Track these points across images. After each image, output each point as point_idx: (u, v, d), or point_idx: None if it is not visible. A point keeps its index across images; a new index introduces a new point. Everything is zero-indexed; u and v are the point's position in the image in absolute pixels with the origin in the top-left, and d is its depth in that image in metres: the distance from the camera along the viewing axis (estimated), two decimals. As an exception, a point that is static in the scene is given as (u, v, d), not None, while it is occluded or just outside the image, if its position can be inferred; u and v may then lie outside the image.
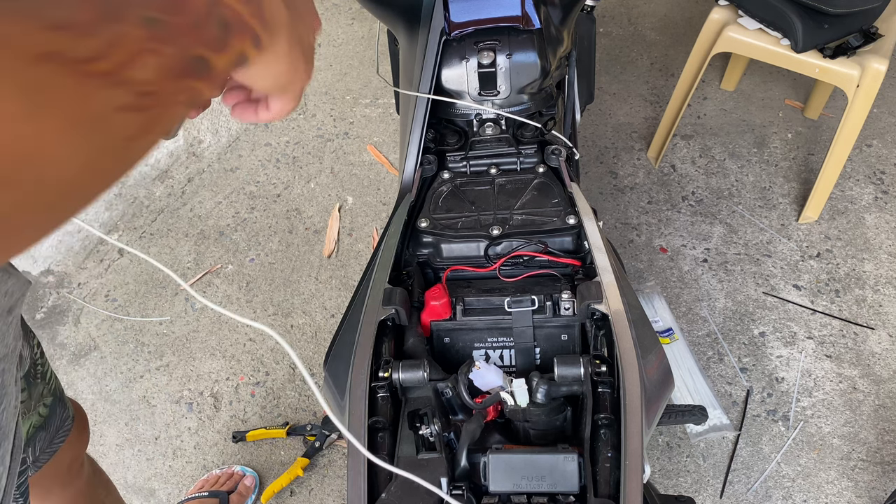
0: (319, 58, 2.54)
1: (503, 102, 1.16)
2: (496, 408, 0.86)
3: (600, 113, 2.30)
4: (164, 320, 1.92)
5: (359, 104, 2.39)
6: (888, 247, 1.92)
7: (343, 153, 2.26)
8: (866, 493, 1.53)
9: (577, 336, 0.94)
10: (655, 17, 2.58)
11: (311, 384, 0.52)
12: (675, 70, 2.39)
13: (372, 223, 2.08)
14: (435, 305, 0.94)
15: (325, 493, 1.60)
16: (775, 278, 1.87)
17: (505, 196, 1.09)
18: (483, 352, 0.96)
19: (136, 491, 1.65)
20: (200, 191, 2.20)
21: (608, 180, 2.12)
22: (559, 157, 1.13)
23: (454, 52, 1.15)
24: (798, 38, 1.66)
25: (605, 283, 0.90)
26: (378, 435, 0.81)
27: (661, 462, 1.59)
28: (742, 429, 1.62)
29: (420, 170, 1.14)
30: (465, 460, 0.79)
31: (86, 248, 2.09)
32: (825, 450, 1.59)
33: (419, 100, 1.14)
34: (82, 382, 1.82)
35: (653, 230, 1.99)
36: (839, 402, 1.66)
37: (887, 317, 1.78)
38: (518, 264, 1.01)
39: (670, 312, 1.79)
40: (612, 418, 0.79)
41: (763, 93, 2.31)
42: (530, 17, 1.14)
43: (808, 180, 2.07)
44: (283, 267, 2.01)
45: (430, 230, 1.05)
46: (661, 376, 0.90)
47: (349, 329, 0.94)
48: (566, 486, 0.76)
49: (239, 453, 1.68)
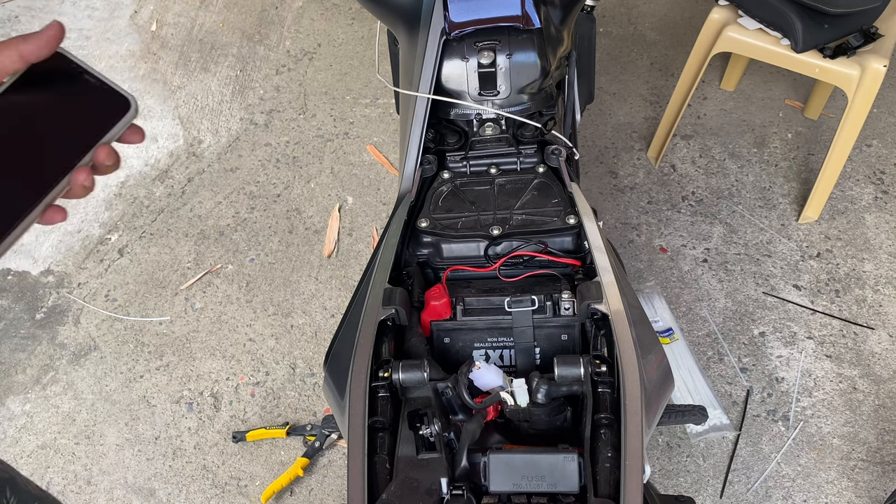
0: (319, 58, 2.54)
1: (503, 102, 1.16)
2: (496, 408, 0.86)
3: (600, 113, 2.30)
4: (164, 320, 1.92)
5: (359, 104, 2.39)
6: (888, 247, 1.92)
7: (343, 153, 2.26)
8: (866, 493, 1.53)
9: (577, 336, 0.94)
10: (655, 17, 2.58)
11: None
12: (675, 70, 2.38)
13: (372, 223, 2.08)
14: (435, 305, 0.94)
15: (325, 493, 1.60)
16: (775, 278, 1.87)
17: (505, 196, 1.09)
18: (483, 352, 0.96)
19: (136, 491, 1.65)
20: (200, 191, 2.20)
21: (608, 180, 2.12)
22: (559, 157, 1.13)
23: (454, 52, 1.15)
24: (798, 38, 1.66)
25: (605, 283, 0.90)
26: (378, 435, 0.81)
27: (661, 462, 1.59)
28: (742, 429, 1.62)
29: (420, 170, 1.14)
30: (465, 460, 0.79)
31: (86, 248, 2.09)
32: (825, 450, 1.59)
33: (419, 100, 1.14)
34: (82, 382, 1.82)
35: (653, 230, 1.99)
36: (839, 402, 1.66)
37: (887, 317, 1.78)
38: (518, 264, 1.01)
39: (670, 312, 1.79)
40: (612, 418, 0.79)
41: (763, 93, 2.31)
42: (530, 17, 1.14)
43: (808, 180, 2.07)
44: (283, 267, 2.01)
45: (430, 230, 1.05)
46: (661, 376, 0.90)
47: (349, 329, 0.94)
48: (566, 486, 0.76)
49: (239, 453, 1.68)
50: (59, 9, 2.79)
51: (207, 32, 2.66)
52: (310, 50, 2.57)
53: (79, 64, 0.56)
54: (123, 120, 0.56)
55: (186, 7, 2.76)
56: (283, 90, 2.45)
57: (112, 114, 0.56)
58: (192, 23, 2.70)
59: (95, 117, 0.55)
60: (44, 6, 2.81)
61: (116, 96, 0.56)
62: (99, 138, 0.55)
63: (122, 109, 0.56)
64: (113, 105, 0.56)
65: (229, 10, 2.74)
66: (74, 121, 0.55)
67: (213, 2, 2.77)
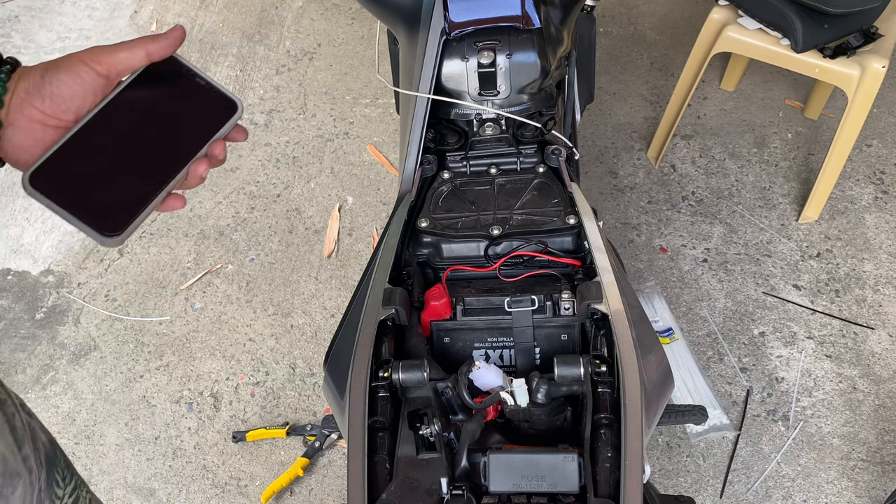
0: (319, 58, 2.54)
1: (503, 102, 1.16)
2: (496, 408, 0.86)
3: (600, 113, 2.30)
4: (164, 320, 1.92)
5: (359, 104, 2.39)
6: (888, 247, 1.92)
7: (343, 153, 2.26)
8: (866, 493, 1.53)
9: (577, 336, 0.94)
10: (655, 17, 2.58)
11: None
12: (675, 70, 2.38)
13: (372, 223, 2.08)
14: (435, 305, 0.94)
15: (325, 493, 1.60)
16: (775, 278, 1.87)
17: (505, 196, 1.09)
18: (483, 352, 0.96)
19: (136, 491, 1.65)
20: (200, 191, 2.20)
21: (608, 180, 2.12)
22: (559, 157, 1.13)
23: (454, 52, 1.14)
24: (798, 38, 1.66)
25: (605, 283, 0.90)
26: (378, 435, 0.81)
27: (661, 462, 1.59)
28: (742, 429, 1.62)
29: (420, 170, 1.14)
30: (465, 460, 0.79)
31: (86, 248, 2.09)
32: (825, 450, 1.59)
33: (419, 100, 1.14)
34: (82, 382, 1.82)
35: (653, 230, 1.99)
36: (839, 401, 1.66)
37: (887, 317, 1.78)
38: (518, 264, 1.01)
39: (670, 312, 1.79)
40: (612, 418, 0.79)
41: (763, 93, 2.31)
42: (530, 17, 1.14)
43: (808, 180, 2.07)
44: (283, 267, 2.01)
45: (430, 230, 1.05)
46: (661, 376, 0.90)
47: (349, 329, 0.94)
48: (566, 486, 0.76)
49: (239, 453, 1.68)
50: (59, 8, 2.79)
51: (207, 32, 2.66)
52: (310, 50, 2.57)
53: (190, 67, 0.60)
54: (232, 119, 0.60)
55: (186, 7, 2.76)
56: (283, 90, 2.45)
57: (222, 113, 0.60)
58: (192, 23, 2.70)
59: (208, 115, 0.60)
60: (44, 6, 2.81)
61: (224, 97, 0.61)
62: (213, 134, 0.59)
63: (230, 110, 0.60)
64: (222, 105, 0.60)
65: (229, 10, 2.74)
66: (190, 118, 0.59)
67: (213, 2, 2.77)
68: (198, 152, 0.58)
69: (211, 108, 0.60)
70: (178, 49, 0.59)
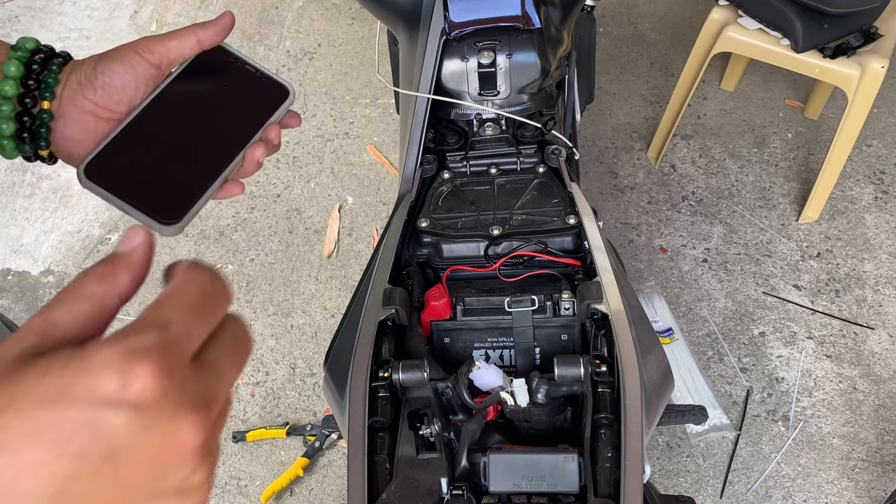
0: (319, 58, 2.54)
1: (503, 102, 1.16)
2: (496, 408, 0.86)
3: (600, 113, 2.30)
4: (164, 320, 1.92)
5: (359, 104, 2.39)
6: (888, 247, 1.92)
7: (343, 153, 2.26)
8: (866, 493, 1.53)
9: (577, 336, 0.94)
10: (655, 17, 2.58)
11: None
12: (675, 70, 2.38)
13: (372, 223, 2.08)
14: (435, 305, 0.94)
15: (325, 493, 1.60)
16: (775, 278, 1.87)
17: (505, 196, 1.09)
18: (483, 352, 0.96)
19: (136, 491, 1.65)
20: (200, 191, 2.20)
21: (608, 180, 2.12)
22: (559, 157, 1.13)
23: (454, 52, 1.14)
24: (798, 38, 1.66)
25: (605, 283, 0.90)
26: (378, 435, 0.81)
27: (661, 462, 1.59)
28: (742, 429, 1.62)
29: (420, 170, 1.14)
30: (466, 460, 0.79)
31: (86, 248, 2.09)
32: (825, 450, 1.59)
33: (419, 100, 1.14)
34: (82, 382, 1.82)
35: (653, 230, 1.99)
36: (839, 402, 1.66)
37: (887, 317, 1.78)
38: (518, 264, 1.01)
39: (670, 312, 1.79)
40: (612, 418, 0.79)
41: (763, 93, 2.31)
42: (530, 17, 1.14)
43: (808, 180, 2.07)
44: (283, 267, 2.01)
45: (430, 230, 1.05)
46: (661, 376, 0.90)
47: (349, 329, 0.94)
48: (566, 486, 0.76)
49: (239, 453, 1.68)
50: (59, 8, 2.79)
51: (207, 32, 2.66)
52: (310, 50, 2.57)
53: (238, 55, 0.61)
54: (285, 104, 0.60)
55: (186, 7, 2.76)
56: (283, 90, 2.45)
57: (274, 99, 0.60)
58: (192, 23, 2.70)
59: (261, 101, 0.60)
60: (44, 6, 2.81)
61: (276, 84, 0.61)
62: (266, 119, 0.59)
63: (282, 95, 0.60)
64: (274, 91, 0.60)
65: (229, 9, 2.73)
66: (243, 104, 0.60)
67: (213, 2, 2.77)
68: (252, 137, 0.59)
69: (263, 94, 0.60)
70: (228, 36, 0.59)
